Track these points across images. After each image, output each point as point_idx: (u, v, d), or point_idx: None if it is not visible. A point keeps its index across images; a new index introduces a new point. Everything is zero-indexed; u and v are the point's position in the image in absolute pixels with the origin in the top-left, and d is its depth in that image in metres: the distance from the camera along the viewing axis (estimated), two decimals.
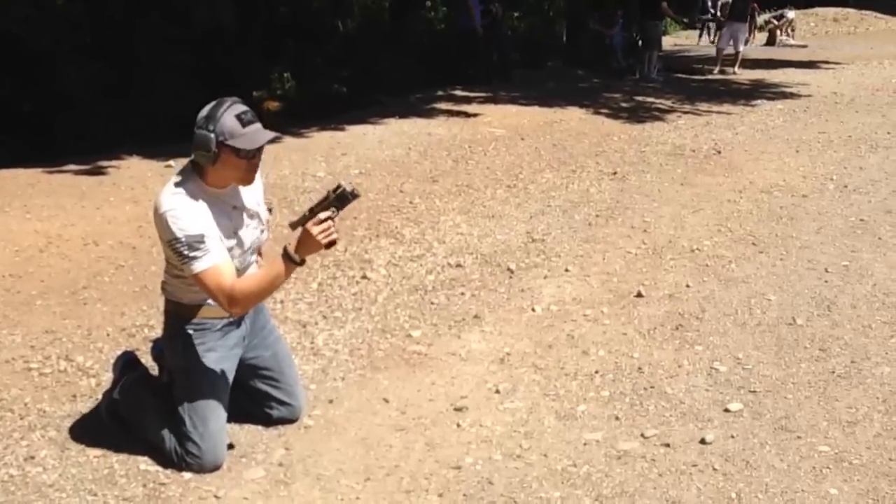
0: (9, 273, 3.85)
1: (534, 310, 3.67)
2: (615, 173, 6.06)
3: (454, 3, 11.03)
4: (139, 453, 2.50)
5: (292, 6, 10.93)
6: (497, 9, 10.64)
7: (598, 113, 8.53)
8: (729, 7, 13.09)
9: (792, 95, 9.96)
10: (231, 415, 2.54)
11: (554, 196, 5.46)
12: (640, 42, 11.92)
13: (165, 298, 2.49)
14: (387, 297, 3.78)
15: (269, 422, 2.68)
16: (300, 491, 2.38)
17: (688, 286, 3.95)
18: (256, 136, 2.29)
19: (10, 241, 4.21)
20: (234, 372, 2.53)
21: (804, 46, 17.05)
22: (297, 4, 10.98)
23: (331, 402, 2.87)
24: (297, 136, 6.93)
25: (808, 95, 9.91)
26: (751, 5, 13.49)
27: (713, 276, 4.08)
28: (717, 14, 16.74)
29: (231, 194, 2.40)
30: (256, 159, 2.34)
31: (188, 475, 2.42)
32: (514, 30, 13.64)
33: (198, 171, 2.33)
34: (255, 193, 2.51)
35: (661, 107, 9.16)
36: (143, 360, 2.81)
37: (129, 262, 4.05)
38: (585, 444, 2.62)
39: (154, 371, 2.74)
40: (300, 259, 2.26)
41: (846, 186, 5.78)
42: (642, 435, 2.67)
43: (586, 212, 5.13)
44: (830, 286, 3.96)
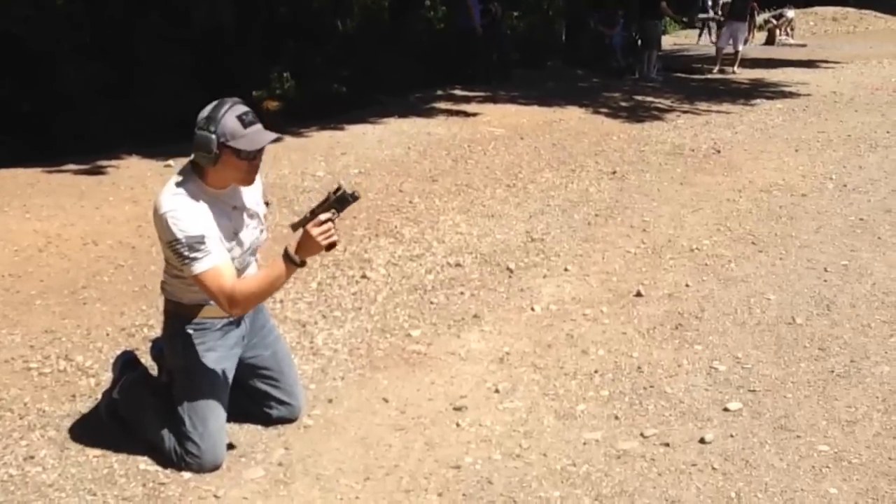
0: (8, 273, 3.85)
1: (533, 309, 3.68)
2: (614, 173, 6.06)
3: (454, 2, 11.02)
4: (139, 453, 2.50)
5: (292, 6, 10.92)
6: (496, 8, 10.65)
7: (597, 112, 8.53)
8: (728, 6, 13.10)
9: (791, 95, 9.96)
10: (231, 414, 2.54)
11: (553, 195, 5.46)
12: (639, 41, 11.93)
13: (165, 298, 2.49)
14: (386, 297, 3.79)
15: (268, 421, 2.68)
16: (300, 490, 2.38)
17: (687, 285, 3.95)
18: (258, 137, 2.29)
19: (9, 241, 4.21)
20: (233, 371, 2.53)
21: (803, 46, 17.06)
22: (296, 4, 10.97)
23: (330, 401, 2.87)
24: (297, 135, 6.93)
25: (808, 95, 9.90)
26: (750, 4, 13.49)
27: (712, 276, 4.08)
28: (716, 13, 16.74)
29: (231, 195, 2.40)
30: (257, 160, 2.34)
31: (188, 475, 2.42)
32: (514, 29, 13.63)
33: (198, 172, 2.32)
34: (255, 193, 2.51)
35: (661, 106, 9.15)
36: (142, 360, 2.81)
37: (128, 261, 4.05)
38: (585, 444, 2.62)
39: (154, 371, 2.74)
40: (301, 260, 2.26)
41: (845, 185, 5.78)
42: (642, 434, 2.68)
43: (586, 211, 5.13)
44: (830, 285, 3.96)
